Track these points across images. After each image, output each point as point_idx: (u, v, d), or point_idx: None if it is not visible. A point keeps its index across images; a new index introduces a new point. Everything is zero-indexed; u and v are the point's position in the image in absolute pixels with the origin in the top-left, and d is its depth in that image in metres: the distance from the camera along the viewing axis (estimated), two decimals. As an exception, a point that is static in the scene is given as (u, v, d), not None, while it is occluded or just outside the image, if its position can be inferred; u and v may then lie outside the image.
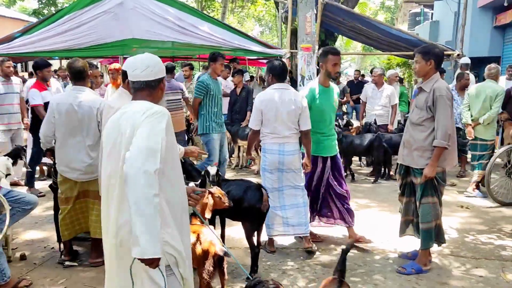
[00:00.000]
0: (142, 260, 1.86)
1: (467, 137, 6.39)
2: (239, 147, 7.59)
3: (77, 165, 3.75)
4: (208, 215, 3.05)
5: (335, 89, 4.37)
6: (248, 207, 3.67)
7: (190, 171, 3.98)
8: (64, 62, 10.40)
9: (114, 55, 9.18)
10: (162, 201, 2.01)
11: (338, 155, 4.40)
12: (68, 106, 3.72)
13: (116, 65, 6.55)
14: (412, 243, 4.08)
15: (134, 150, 1.91)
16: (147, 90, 2.17)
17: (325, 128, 4.18)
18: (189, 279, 2.23)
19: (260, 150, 4.31)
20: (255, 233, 3.77)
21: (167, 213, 2.08)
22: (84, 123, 3.73)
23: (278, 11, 13.21)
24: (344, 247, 2.53)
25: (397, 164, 4.19)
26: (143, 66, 2.15)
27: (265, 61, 13.99)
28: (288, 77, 6.19)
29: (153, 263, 1.88)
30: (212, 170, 3.77)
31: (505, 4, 11.62)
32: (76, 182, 3.81)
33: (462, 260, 4.05)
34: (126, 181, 1.88)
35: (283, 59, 9.91)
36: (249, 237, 3.70)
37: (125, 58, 8.99)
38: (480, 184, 6.19)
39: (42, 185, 6.55)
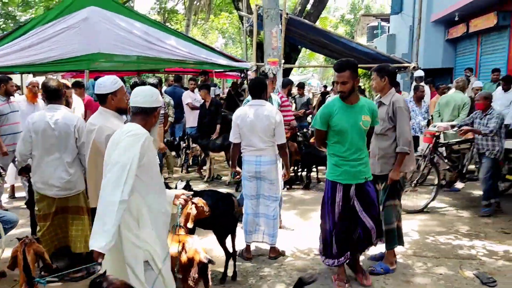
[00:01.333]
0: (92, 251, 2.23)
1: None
2: (210, 159, 7.70)
3: (55, 182, 3.77)
4: (190, 225, 3.16)
5: (368, 106, 3.62)
6: (220, 215, 3.80)
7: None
8: (26, 78, 10.18)
9: (79, 70, 9.12)
10: (143, 206, 2.46)
11: (370, 184, 3.64)
12: (45, 125, 3.74)
13: (34, 80, 6.40)
14: (378, 245, 4.32)
15: (110, 165, 2.35)
16: (142, 115, 2.56)
17: (346, 152, 3.53)
18: (166, 276, 2.58)
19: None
20: (231, 240, 3.93)
21: (147, 217, 2.47)
22: (61, 140, 3.76)
23: (242, 24, 13.48)
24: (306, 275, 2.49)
25: None
26: (144, 95, 2.57)
27: (231, 73, 14.20)
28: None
29: (99, 255, 2.21)
30: (181, 184, 3.90)
31: (456, 19, 12.37)
32: (54, 198, 3.81)
33: (424, 259, 4.32)
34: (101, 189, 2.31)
35: (250, 72, 10.13)
36: (223, 244, 3.85)
37: (90, 72, 8.96)
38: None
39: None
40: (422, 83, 8.92)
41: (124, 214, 2.30)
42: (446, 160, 6.37)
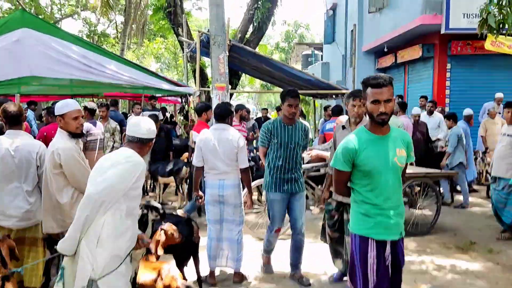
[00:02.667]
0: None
1: None
2: (159, 185, 7.48)
3: (13, 212, 3.46)
4: (160, 251, 3.05)
5: (402, 136, 2.82)
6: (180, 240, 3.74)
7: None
8: None
9: (9, 93, 8.54)
10: (116, 227, 2.57)
11: (402, 243, 2.85)
12: (4, 152, 3.45)
13: None
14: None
15: (101, 180, 2.53)
16: (138, 144, 2.76)
17: (378, 197, 2.70)
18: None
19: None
20: (194, 265, 3.90)
21: (111, 239, 2.56)
22: (21, 168, 3.49)
23: (182, 50, 13.44)
24: None
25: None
26: (143, 126, 2.77)
27: (170, 98, 14.02)
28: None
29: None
30: (155, 203, 3.81)
31: (385, 50, 13.29)
32: (12, 230, 3.49)
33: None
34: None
35: (192, 97, 10.04)
36: (182, 269, 3.77)
37: (21, 96, 8.41)
38: None
39: None
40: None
41: (90, 229, 2.48)
42: None
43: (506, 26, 4.95)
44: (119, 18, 24.24)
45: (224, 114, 4.29)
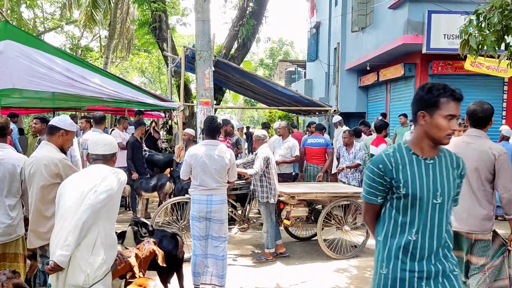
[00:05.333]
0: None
1: None
2: (142, 200, 7.35)
3: None
4: (138, 273, 3.00)
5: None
6: (165, 255, 3.73)
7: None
8: None
9: (-10, 106, 8.38)
10: (105, 235, 2.64)
11: None
12: None
13: None
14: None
15: (101, 190, 2.62)
16: (103, 160, 2.86)
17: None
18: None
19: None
20: (178, 282, 3.88)
21: (103, 247, 2.63)
22: (4, 181, 3.40)
23: (167, 65, 13.44)
24: None
25: None
26: (103, 143, 2.88)
27: (153, 113, 13.94)
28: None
29: (53, 269, 2.53)
30: (144, 219, 3.78)
31: (368, 68, 13.53)
32: None
33: (363, 297, 4.45)
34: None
35: (176, 112, 10.02)
36: (166, 285, 3.76)
37: (3, 108, 8.25)
38: None
39: None
40: (345, 127, 9.50)
41: (84, 237, 2.53)
42: None
43: (485, 48, 5.09)
44: (103, 32, 24.12)
45: (214, 129, 4.27)
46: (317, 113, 12.35)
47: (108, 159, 2.89)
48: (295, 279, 4.82)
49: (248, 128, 15.09)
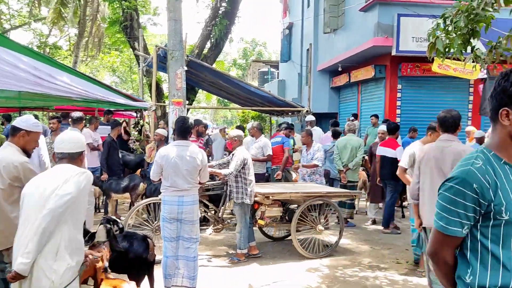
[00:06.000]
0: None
1: (342, 182, 7.48)
2: (112, 202, 7.19)
3: None
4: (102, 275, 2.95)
5: None
6: (135, 258, 3.72)
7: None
8: None
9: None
10: (70, 239, 2.51)
11: None
12: None
13: None
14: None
15: (62, 194, 2.47)
16: (69, 159, 2.70)
17: None
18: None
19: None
20: (149, 284, 3.81)
21: (67, 251, 2.49)
22: None
23: (139, 64, 13.24)
24: None
25: None
26: (69, 141, 2.72)
27: (125, 113, 13.70)
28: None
29: (15, 277, 2.42)
30: (114, 217, 3.70)
31: (340, 69, 13.71)
32: None
33: (335, 295, 4.51)
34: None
35: (147, 112, 9.87)
36: None
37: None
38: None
39: None
40: (315, 127, 9.58)
41: (47, 243, 2.41)
42: None
43: (452, 50, 5.24)
44: (72, 30, 23.52)
45: (186, 130, 4.24)
46: (289, 113, 12.42)
47: (75, 158, 2.74)
48: (267, 279, 4.82)
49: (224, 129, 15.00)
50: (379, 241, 6.59)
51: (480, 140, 7.49)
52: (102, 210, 7.84)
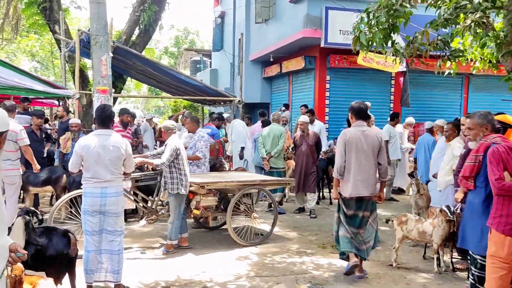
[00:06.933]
0: None
1: (265, 169, 7.71)
2: (30, 196, 6.69)
3: None
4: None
5: None
6: (55, 254, 3.55)
7: None
8: None
9: None
10: None
11: None
12: None
13: None
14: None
15: None
16: None
17: None
18: None
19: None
20: (69, 281, 3.65)
21: None
22: None
23: (60, 49, 12.43)
24: None
25: None
26: None
27: (46, 101, 12.86)
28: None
29: None
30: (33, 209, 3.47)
31: (271, 60, 13.86)
32: None
33: (265, 279, 4.57)
34: None
35: (71, 100, 9.34)
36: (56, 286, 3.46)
37: None
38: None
39: None
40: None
41: None
42: None
43: (375, 44, 5.49)
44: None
45: (106, 118, 4.05)
46: (222, 103, 12.37)
47: None
48: (197, 270, 4.79)
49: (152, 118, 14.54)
50: (307, 227, 6.80)
51: (430, 130, 7.78)
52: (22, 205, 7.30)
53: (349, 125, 4.82)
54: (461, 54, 5.95)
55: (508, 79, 5.05)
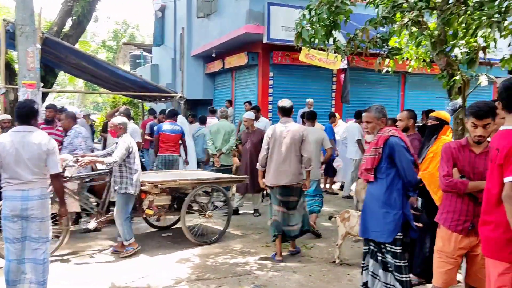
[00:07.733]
0: None
1: (215, 166, 7.59)
2: None
3: None
4: None
5: None
6: None
7: None
8: None
9: None
10: None
11: None
12: None
13: None
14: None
15: None
16: None
17: None
18: None
19: None
20: None
21: None
22: None
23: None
24: None
25: None
26: None
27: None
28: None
29: None
30: None
31: (213, 55, 13.63)
32: None
33: (207, 282, 4.40)
34: None
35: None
36: None
37: None
38: None
39: None
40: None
41: None
42: None
43: (316, 41, 5.48)
44: None
45: (26, 114, 3.68)
46: (163, 99, 12.00)
47: None
48: (133, 275, 4.53)
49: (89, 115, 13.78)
50: (250, 226, 6.70)
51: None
52: None
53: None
54: (398, 52, 6.12)
55: (442, 77, 5.24)
